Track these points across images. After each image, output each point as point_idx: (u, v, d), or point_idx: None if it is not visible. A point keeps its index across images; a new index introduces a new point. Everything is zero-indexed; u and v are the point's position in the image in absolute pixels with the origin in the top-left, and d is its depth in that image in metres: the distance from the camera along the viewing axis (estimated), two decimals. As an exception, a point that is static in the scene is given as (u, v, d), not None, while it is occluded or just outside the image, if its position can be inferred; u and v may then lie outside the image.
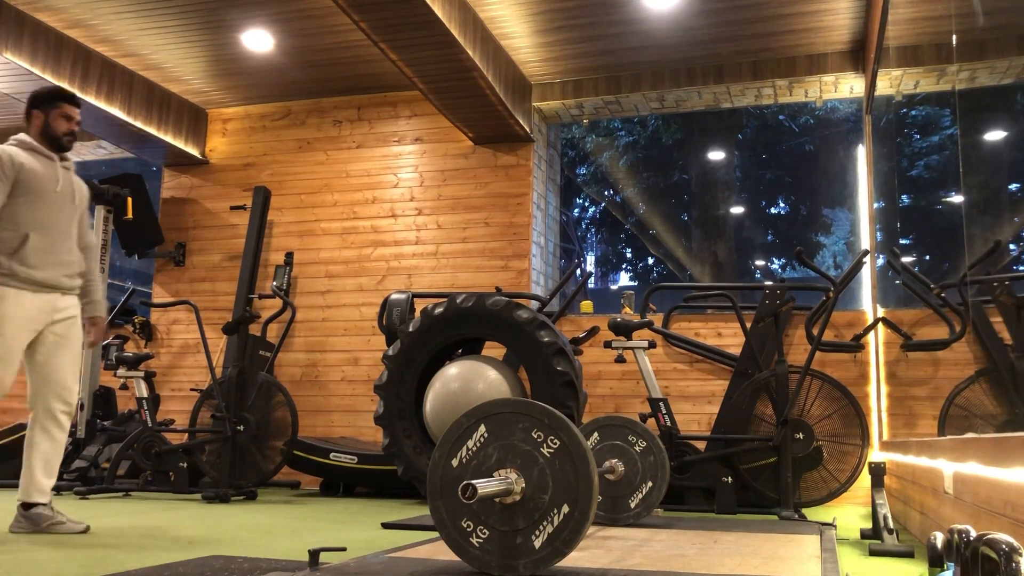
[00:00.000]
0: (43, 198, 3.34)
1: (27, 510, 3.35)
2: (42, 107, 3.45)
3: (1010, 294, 5.01)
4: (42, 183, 3.34)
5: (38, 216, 3.31)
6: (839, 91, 6.16)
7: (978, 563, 1.42)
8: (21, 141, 3.41)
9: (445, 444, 2.16)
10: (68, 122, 3.46)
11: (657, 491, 3.38)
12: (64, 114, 3.45)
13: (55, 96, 3.48)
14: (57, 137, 3.43)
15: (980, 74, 5.78)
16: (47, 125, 3.43)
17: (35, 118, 3.45)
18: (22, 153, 3.34)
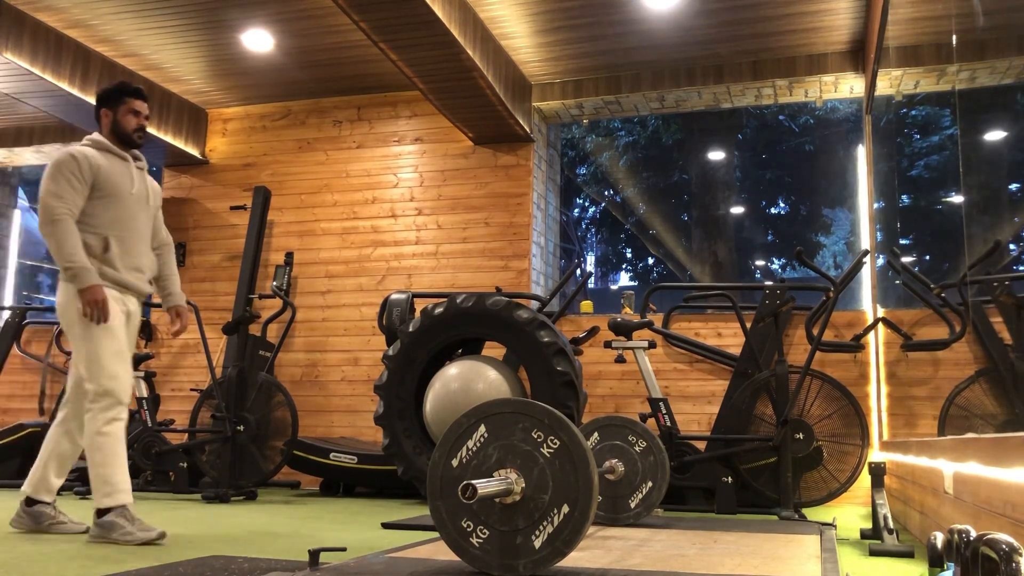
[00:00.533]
0: (120, 200, 3.27)
1: (30, 506, 3.31)
2: (110, 104, 3.35)
3: (1010, 294, 5.01)
4: (119, 185, 3.27)
5: (116, 219, 3.24)
6: (839, 91, 6.16)
7: (978, 563, 1.42)
8: (95, 141, 3.32)
9: (445, 444, 2.16)
10: (137, 117, 3.37)
11: (657, 491, 3.38)
12: (132, 109, 3.35)
13: (121, 92, 3.37)
14: (127, 134, 3.35)
15: (980, 74, 5.78)
16: (116, 123, 3.35)
17: (104, 116, 3.36)
18: (97, 154, 3.26)
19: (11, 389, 7.25)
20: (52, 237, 3.12)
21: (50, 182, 3.15)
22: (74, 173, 3.17)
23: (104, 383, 3.10)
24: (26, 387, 7.20)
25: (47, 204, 3.13)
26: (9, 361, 7.10)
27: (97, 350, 3.12)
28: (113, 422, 3.11)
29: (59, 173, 3.16)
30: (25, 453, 5.95)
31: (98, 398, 3.10)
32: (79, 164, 3.18)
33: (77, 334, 3.15)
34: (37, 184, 12.86)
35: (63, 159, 3.19)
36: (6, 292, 8.15)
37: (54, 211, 3.11)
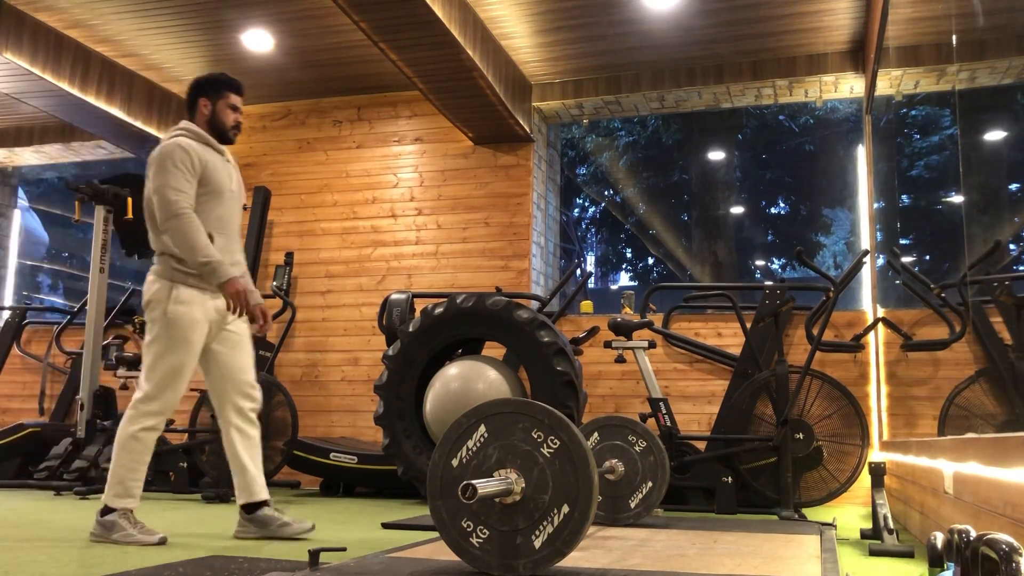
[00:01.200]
0: (221, 196, 3.14)
1: (251, 512, 3.18)
2: (209, 94, 3.21)
3: (1010, 294, 5.01)
4: (220, 180, 3.14)
5: (218, 215, 3.12)
6: (839, 91, 6.16)
7: (978, 563, 1.42)
8: (193, 132, 3.16)
9: (445, 444, 2.16)
10: (235, 113, 3.24)
11: (657, 491, 3.38)
12: (231, 104, 3.22)
13: (221, 84, 3.23)
14: (224, 130, 3.21)
15: (980, 74, 5.78)
16: (215, 115, 3.20)
17: (202, 106, 3.21)
18: (199, 147, 3.12)
19: (11, 389, 7.25)
20: (179, 233, 2.98)
21: (164, 175, 3.01)
22: (186, 165, 3.03)
23: (158, 391, 3.03)
24: (26, 387, 7.20)
25: (167, 198, 2.98)
26: (9, 361, 7.11)
27: (166, 358, 3.03)
28: (151, 431, 3.06)
29: (172, 164, 3.02)
30: (25, 453, 5.95)
31: (147, 401, 3.04)
32: (189, 156, 3.05)
33: (156, 333, 3.05)
34: (37, 184, 12.74)
35: (172, 150, 3.04)
36: (6, 292, 8.15)
37: (176, 205, 2.98)
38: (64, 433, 5.96)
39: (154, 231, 3.12)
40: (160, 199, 3.00)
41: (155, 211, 3.03)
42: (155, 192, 3.02)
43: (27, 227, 14.09)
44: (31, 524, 3.53)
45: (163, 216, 2.99)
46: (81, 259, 15.51)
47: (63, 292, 16.66)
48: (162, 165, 3.02)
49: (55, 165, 8.27)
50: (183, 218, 2.98)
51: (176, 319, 3.03)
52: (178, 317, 3.04)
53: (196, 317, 3.06)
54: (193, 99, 3.23)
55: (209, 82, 3.24)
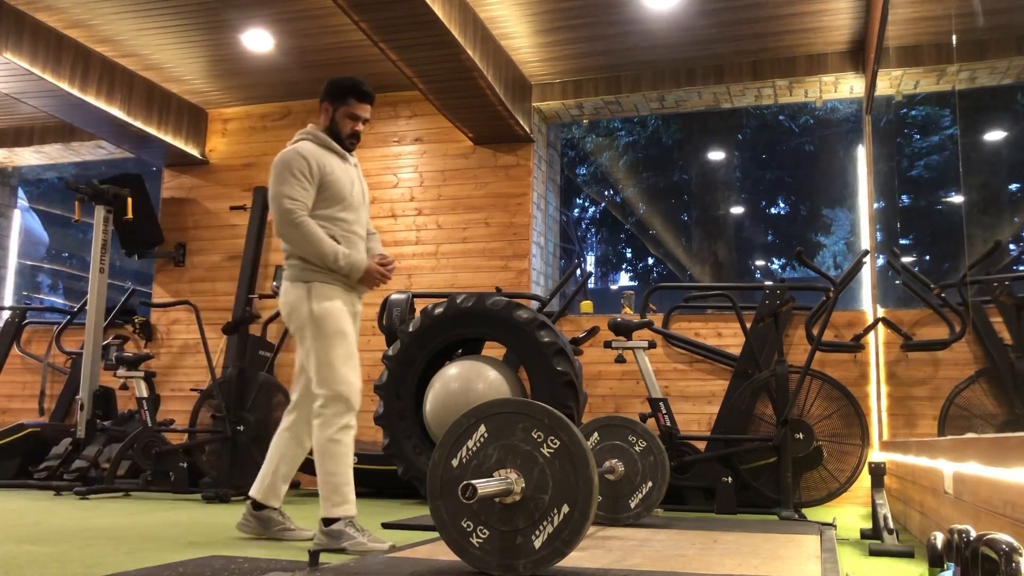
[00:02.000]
0: (343, 201, 3.10)
1: (258, 511, 3.21)
2: (332, 100, 3.19)
3: (1010, 294, 5.01)
4: (342, 186, 3.11)
5: (341, 220, 3.09)
6: (839, 91, 6.16)
7: (978, 563, 1.42)
8: (315, 136, 3.16)
9: (445, 444, 2.16)
10: (354, 123, 3.19)
11: (657, 491, 3.38)
12: (351, 113, 3.18)
13: (346, 90, 3.18)
14: (339, 138, 3.19)
15: (980, 74, 5.78)
16: (333, 122, 3.19)
17: (323, 111, 3.21)
18: (320, 152, 3.10)
19: (11, 389, 7.25)
20: (301, 241, 2.97)
21: (280, 184, 3.00)
22: (303, 173, 3.01)
23: (337, 388, 2.96)
24: (26, 387, 7.20)
25: (284, 207, 2.98)
26: (9, 361, 7.11)
27: (329, 354, 2.97)
28: (346, 429, 2.99)
29: (289, 173, 3.01)
30: (25, 453, 5.95)
31: (330, 403, 2.96)
32: (308, 164, 3.03)
33: (308, 336, 3.00)
34: (37, 184, 12.74)
35: (291, 158, 3.03)
36: (6, 292, 8.15)
37: (293, 214, 2.97)
38: (64, 433, 5.96)
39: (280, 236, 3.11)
40: (276, 208, 3.00)
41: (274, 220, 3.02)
42: (272, 200, 3.03)
43: (27, 227, 14.09)
44: (31, 524, 3.53)
45: (280, 225, 2.99)
46: (81, 259, 15.51)
47: (63, 292, 16.66)
48: (280, 173, 3.03)
49: (55, 165, 8.27)
50: (301, 227, 2.96)
51: (324, 314, 2.99)
52: (325, 312, 2.99)
53: (340, 307, 3.03)
54: (320, 103, 3.21)
55: (334, 87, 3.18)
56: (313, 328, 2.99)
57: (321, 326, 2.98)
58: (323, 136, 3.16)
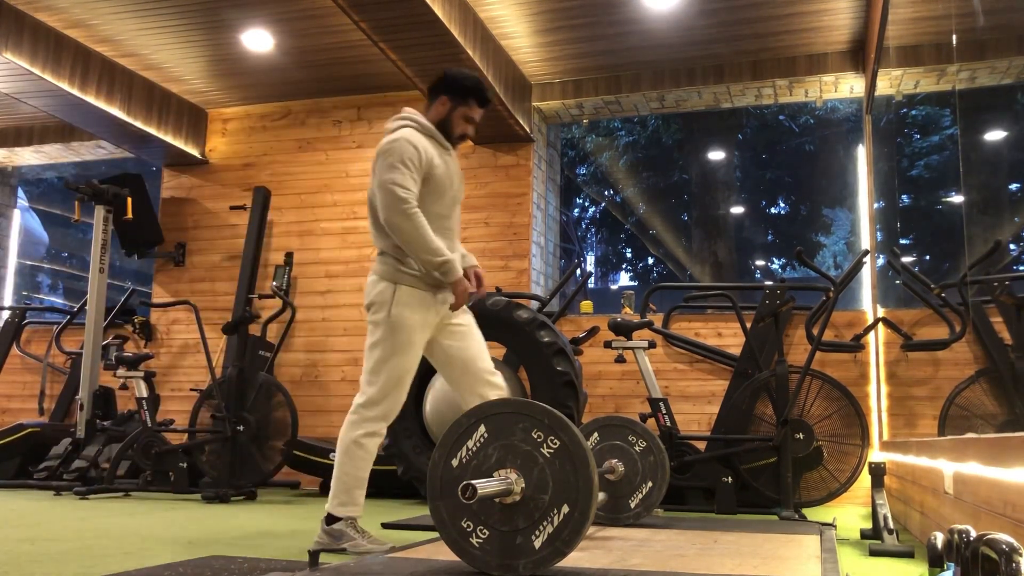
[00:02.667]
0: (443, 195, 3.02)
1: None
2: (452, 95, 3.04)
3: (1010, 294, 5.01)
4: (443, 179, 3.01)
5: (438, 214, 3.01)
6: (839, 91, 6.16)
7: (978, 563, 1.42)
8: (421, 125, 3.00)
9: (445, 444, 2.16)
10: (469, 125, 3.08)
11: (657, 491, 3.38)
12: (469, 116, 3.06)
13: (470, 91, 3.04)
14: (450, 136, 3.06)
15: (980, 74, 5.78)
16: (448, 118, 3.04)
17: (440, 104, 3.04)
18: (423, 140, 2.96)
19: (11, 389, 7.25)
20: (412, 232, 2.85)
21: (392, 171, 2.86)
22: (413, 162, 2.89)
23: (381, 396, 2.92)
24: (26, 387, 7.20)
25: (395, 195, 2.84)
26: (9, 361, 7.11)
27: (390, 361, 2.93)
28: (373, 436, 2.94)
29: (400, 161, 2.87)
30: (25, 453, 5.95)
31: (370, 406, 2.92)
32: (418, 153, 2.90)
33: (380, 336, 2.95)
34: (37, 184, 12.70)
35: (402, 146, 2.89)
36: (6, 292, 8.16)
37: (404, 204, 2.84)
38: (64, 433, 5.96)
39: (377, 229, 3.01)
40: (386, 196, 2.86)
41: (379, 208, 2.91)
42: (380, 188, 2.88)
43: (27, 227, 14.09)
44: (31, 524, 3.53)
45: (388, 213, 2.86)
46: (81, 259, 15.51)
47: (63, 292, 16.66)
48: (389, 160, 2.88)
49: (55, 165, 8.27)
50: (412, 217, 2.85)
51: (400, 322, 2.94)
52: (402, 320, 2.94)
53: (418, 319, 2.96)
54: (436, 91, 3.06)
55: (459, 84, 3.05)
56: (386, 331, 2.95)
57: (394, 333, 2.94)
58: (428, 125, 3.01)
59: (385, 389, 2.94)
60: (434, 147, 2.99)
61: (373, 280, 3.03)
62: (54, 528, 3.40)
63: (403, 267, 2.96)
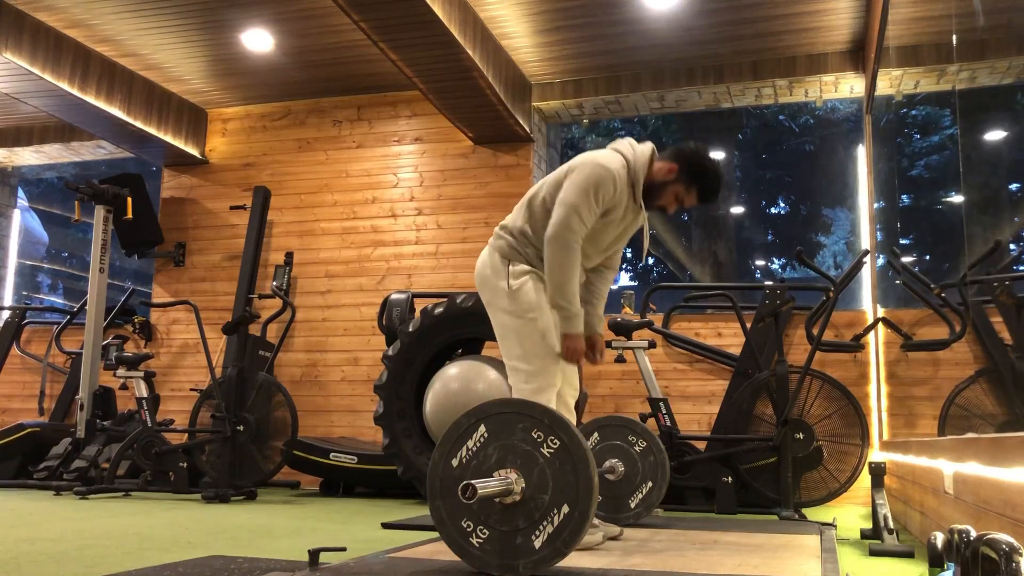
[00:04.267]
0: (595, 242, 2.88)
1: None
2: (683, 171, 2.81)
3: (1010, 294, 5.01)
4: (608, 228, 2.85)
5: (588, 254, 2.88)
6: (839, 91, 6.16)
7: (978, 563, 1.42)
8: (633, 169, 2.81)
9: (445, 444, 2.16)
10: (674, 204, 2.89)
11: (657, 491, 3.38)
12: (681, 198, 2.86)
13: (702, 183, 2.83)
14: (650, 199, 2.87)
15: (980, 74, 5.78)
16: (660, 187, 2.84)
17: (667, 167, 2.84)
18: (625, 184, 2.78)
19: (11, 389, 7.25)
20: (558, 264, 2.72)
21: (584, 197, 2.71)
22: (604, 199, 2.73)
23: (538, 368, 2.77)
24: (26, 387, 7.20)
25: (570, 225, 2.70)
26: (9, 361, 7.11)
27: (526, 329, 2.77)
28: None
29: (595, 193, 2.71)
30: (25, 453, 5.95)
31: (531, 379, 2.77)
32: (613, 192, 2.74)
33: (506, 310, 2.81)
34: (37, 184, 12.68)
35: (603, 176, 2.72)
36: (6, 292, 8.15)
37: (573, 236, 2.71)
38: (64, 433, 5.96)
39: (526, 219, 2.86)
40: (563, 218, 2.71)
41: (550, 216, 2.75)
42: (563, 205, 2.72)
43: (27, 227, 14.08)
44: (31, 524, 3.53)
45: (555, 232, 2.71)
46: (81, 259, 15.50)
47: (63, 292, 16.65)
48: (585, 184, 2.71)
49: (55, 165, 8.27)
50: (572, 252, 2.72)
51: (521, 290, 2.80)
52: (522, 288, 2.80)
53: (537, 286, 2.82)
54: (675, 155, 2.85)
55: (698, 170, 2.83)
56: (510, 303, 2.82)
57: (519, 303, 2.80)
58: (638, 174, 2.81)
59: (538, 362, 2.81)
60: (627, 194, 2.82)
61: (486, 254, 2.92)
62: (54, 528, 3.40)
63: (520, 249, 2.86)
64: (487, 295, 2.89)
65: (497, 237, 2.91)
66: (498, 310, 2.85)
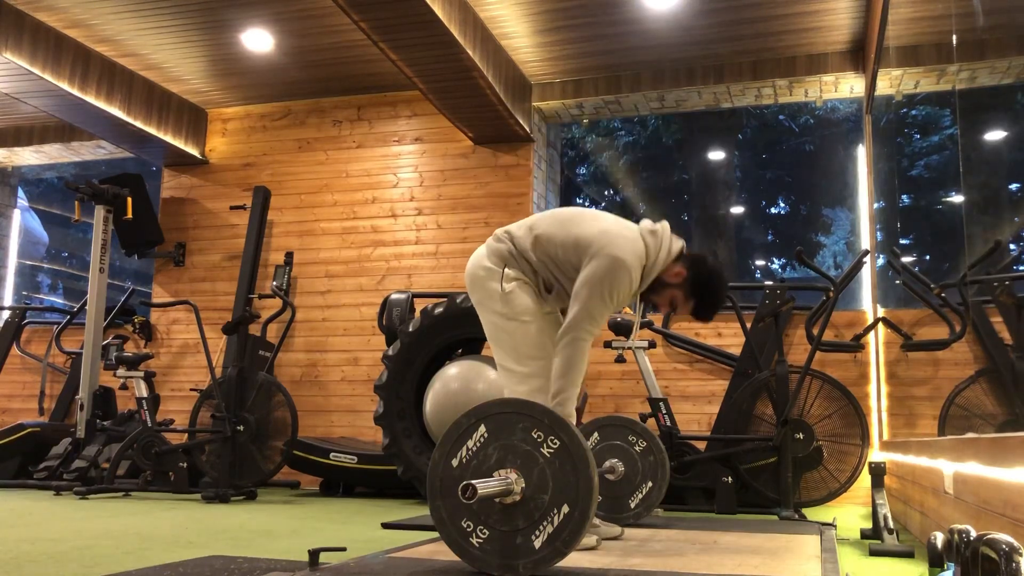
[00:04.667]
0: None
1: None
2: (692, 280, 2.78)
3: (1010, 294, 5.01)
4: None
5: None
6: (839, 91, 6.16)
7: (978, 563, 1.42)
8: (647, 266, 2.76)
9: (445, 444, 2.16)
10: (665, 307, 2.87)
11: (657, 491, 3.38)
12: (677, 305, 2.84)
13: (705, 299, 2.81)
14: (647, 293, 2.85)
15: (980, 74, 5.78)
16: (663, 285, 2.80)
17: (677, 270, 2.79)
18: (637, 277, 2.73)
19: (11, 389, 7.25)
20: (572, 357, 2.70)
21: (602, 301, 2.67)
22: (618, 296, 2.70)
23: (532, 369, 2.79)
24: (26, 387, 7.20)
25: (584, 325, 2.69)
26: (9, 361, 7.11)
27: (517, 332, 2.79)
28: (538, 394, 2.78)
29: (610, 288, 2.67)
30: (25, 453, 5.95)
31: (526, 380, 2.79)
32: (629, 286, 2.71)
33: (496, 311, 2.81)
34: (37, 184, 12.69)
35: (620, 276, 2.67)
36: (6, 292, 8.15)
37: (588, 335, 2.71)
38: (64, 433, 5.96)
39: (531, 246, 2.82)
40: (581, 312, 2.69)
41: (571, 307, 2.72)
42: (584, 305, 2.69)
43: (27, 227, 14.08)
44: (31, 524, 3.53)
45: (571, 325, 2.70)
46: (81, 259, 15.50)
47: (63, 292, 16.65)
48: (601, 287, 2.67)
49: (55, 165, 8.27)
50: (580, 351, 2.71)
51: (514, 293, 2.80)
52: (515, 291, 2.81)
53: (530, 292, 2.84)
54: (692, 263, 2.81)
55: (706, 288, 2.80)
56: (502, 304, 2.83)
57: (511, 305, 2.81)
58: (650, 267, 2.76)
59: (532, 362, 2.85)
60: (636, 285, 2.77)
61: (481, 255, 2.90)
62: (54, 528, 3.40)
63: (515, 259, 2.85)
64: (478, 295, 2.89)
65: (498, 240, 2.89)
66: (490, 311, 2.85)
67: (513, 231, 2.90)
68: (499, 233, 2.92)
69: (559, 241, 2.80)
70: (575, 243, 2.77)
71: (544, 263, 2.83)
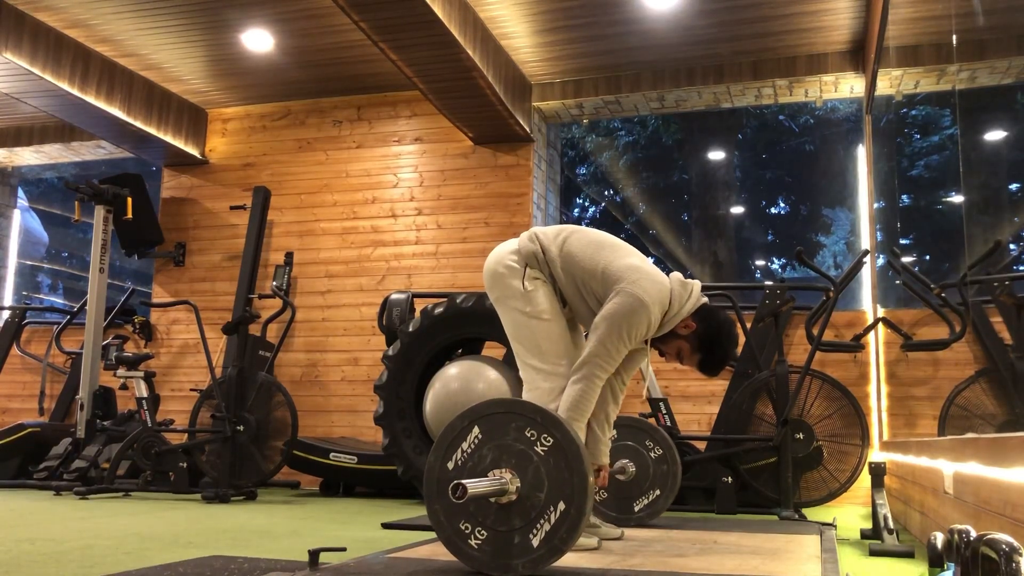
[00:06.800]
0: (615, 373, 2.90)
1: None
2: (702, 335, 2.78)
3: (1010, 294, 5.00)
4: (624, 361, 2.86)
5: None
6: (839, 91, 6.16)
7: (978, 563, 1.42)
8: (667, 315, 2.74)
9: (440, 447, 2.16)
10: (670, 355, 2.88)
11: (664, 500, 3.38)
12: (683, 356, 2.85)
13: (710, 354, 2.80)
14: (656, 339, 2.84)
15: (980, 74, 5.78)
16: (672, 336, 2.80)
17: (688, 322, 2.76)
18: (655, 322, 2.72)
19: (11, 389, 7.25)
20: (584, 390, 2.68)
21: (618, 328, 2.65)
22: (635, 337, 2.70)
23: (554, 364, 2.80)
24: (26, 387, 7.20)
25: (599, 362, 2.67)
26: (9, 361, 7.11)
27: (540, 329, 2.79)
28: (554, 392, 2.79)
29: (627, 328, 2.65)
30: (25, 453, 5.95)
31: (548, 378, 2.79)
32: (648, 328, 2.70)
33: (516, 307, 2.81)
34: (37, 184, 12.70)
35: (640, 318, 2.65)
36: (6, 292, 8.15)
37: (602, 372, 2.69)
38: (64, 433, 5.96)
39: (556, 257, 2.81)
40: (598, 348, 2.67)
41: (590, 347, 2.70)
42: (602, 341, 2.66)
43: (27, 227, 14.08)
44: (31, 524, 3.53)
45: (587, 359, 2.69)
46: (81, 259, 15.51)
47: (63, 292, 16.65)
48: (620, 325, 2.65)
49: (55, 165, 8.27)
50: (593, 387, 2.70)
51: (536, 292, 2.80)
52: (537, 291, 2.80)
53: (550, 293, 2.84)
54: (697, 317, 2.78)
55: (711, 345, 2.79)
56: (522, 301, 2.82)
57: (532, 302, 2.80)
58: (669, 324, 2.76)
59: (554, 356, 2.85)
60: (654, 327, 2.76)
61: (506, 251, 2.89)
62: (54, 528, 3.40)
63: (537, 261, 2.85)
64: (497, 291, 2.88)
65: (531, 240, 2.86)
66: (511, 309, 2.84)
67: (542, 238, 2.88)
68: (533, 233, 2.90)
69: (587, 265, 2.79)
70: (603, 272, 2.75)
71: (565, 279, 2.83)
